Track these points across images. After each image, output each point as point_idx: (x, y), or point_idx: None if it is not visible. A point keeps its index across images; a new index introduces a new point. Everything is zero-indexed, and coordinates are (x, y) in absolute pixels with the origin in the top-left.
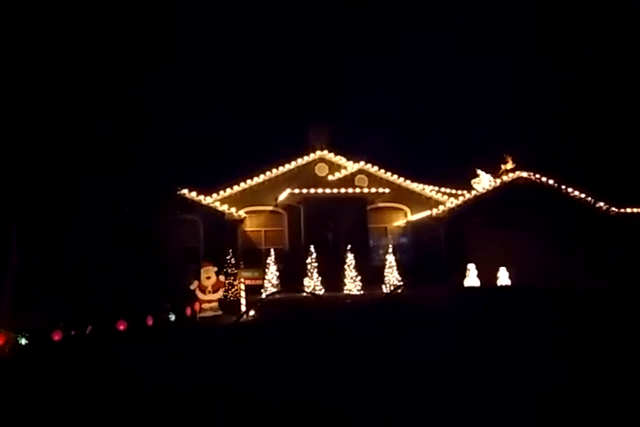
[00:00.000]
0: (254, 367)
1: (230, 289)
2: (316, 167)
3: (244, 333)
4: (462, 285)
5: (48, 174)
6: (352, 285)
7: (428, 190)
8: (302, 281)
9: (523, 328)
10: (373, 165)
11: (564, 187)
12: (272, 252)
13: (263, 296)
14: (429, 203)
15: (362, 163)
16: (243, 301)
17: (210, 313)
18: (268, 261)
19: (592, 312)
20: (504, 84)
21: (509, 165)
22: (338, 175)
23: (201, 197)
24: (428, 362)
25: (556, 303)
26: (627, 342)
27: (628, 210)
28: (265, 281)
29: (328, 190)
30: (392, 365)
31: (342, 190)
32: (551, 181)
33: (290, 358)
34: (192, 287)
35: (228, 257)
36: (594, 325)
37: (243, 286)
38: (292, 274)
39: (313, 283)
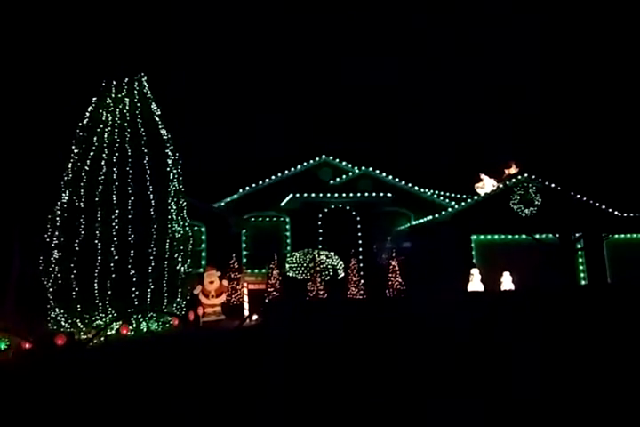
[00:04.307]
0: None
1: (233, 294)
2: (320, 172)
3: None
4: (466, 289)
5: (51, 182)
6: (355, 289)
7: (432, 195)
8: (305, 286)
9: (525, 332)
10: (377, 169)
11: (567, 191)
12: (275, 256)
13: (266, 301)
14: (433, 207)
15: (364, 168)
16: (246, 305)
17: (213, 318)
18: (270, 266)
19: (596, 314)
20: (507, 86)
21: (513, 170)
22: (341, 180)
23: (205, 202)
24: (429, 366)
25: (558, 307)
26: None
27: (632, 214)
28: (268, 286)
29: (330, 195)
30: (395, 372)
31: (345, 195)
32: (554, 185)
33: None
34: (195, 292)
35: (231, 262)
36: (596, 327)
37: (246, 291)
38: (295, 278)
39: (316, 287)
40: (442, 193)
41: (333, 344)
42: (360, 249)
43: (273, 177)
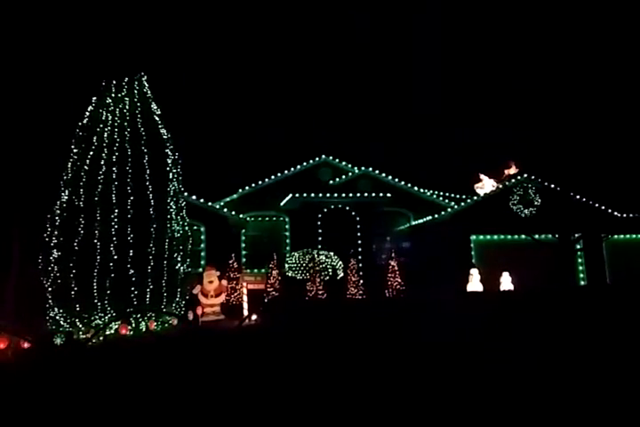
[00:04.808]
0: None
1: (233, 293)
2: (320, 172)
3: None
4: (465, 289)
5: (50, 182)
6: (355, 289)
7: (432, 195)
8: (305, 285)
9: (525, 332)
10: (376, 169)
11: (567, 191)
12: (274, 256)
13: (265, 300)
14: (432, 207)
15: (364, 168)
16: (245, 305)
17: (212, 317)
18: (270, 266)
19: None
20: (507, 86)
21: (512, 170)
22: (341, 180)
23: (204, 202)
24: (429, 365)
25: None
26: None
27: (631, 215)
28: (267, 285)
29: (330, 195)
30: (394, 372)
31: (345, 195)
32: (554, 185)
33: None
34: (195, 292)
35: (230, 261)
36: (596, 327)
37: (245, 291)
38: (294, 278)
39: (315, 287)
40: (441, 193)
41: (331, 343)
42: (359, 249)
43: (272, 177)
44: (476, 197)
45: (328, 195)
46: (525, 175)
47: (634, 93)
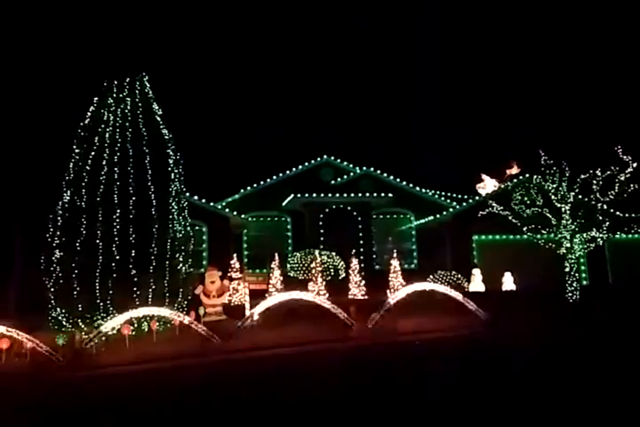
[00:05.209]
0: None
1: (235, 294)
2: (321, 172)
3: None
4: (467, 289)
5: (52, 182)
6: (356, 289)
7: (433, 195)
8: (307, 286)
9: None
10: (378, 169)
11: (567, 191)
12: (276, 256)
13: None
14: (434, 208)
15: (365, 168)
16: (247, 305)
17: (214, 318)
18: (272, 266)
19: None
20: (509, 87)
21: (514, 170)
22: (342, 180)
23: (206, 202)
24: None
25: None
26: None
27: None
28: (269, 286)
29: (332, 195)
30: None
31: (346, 195)
32: (555, 185)
33: None
34: (196, 292)
35: (232, 262)
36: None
37: (247, 291)
38: (296, 278)
39: (317, 287)
40: (443, 193)
41: None
42: (361, 249)
43: (274, 177)
44: (477, 197)
45: (330, 195)
46: (527, 175)
47: (633, 90)
